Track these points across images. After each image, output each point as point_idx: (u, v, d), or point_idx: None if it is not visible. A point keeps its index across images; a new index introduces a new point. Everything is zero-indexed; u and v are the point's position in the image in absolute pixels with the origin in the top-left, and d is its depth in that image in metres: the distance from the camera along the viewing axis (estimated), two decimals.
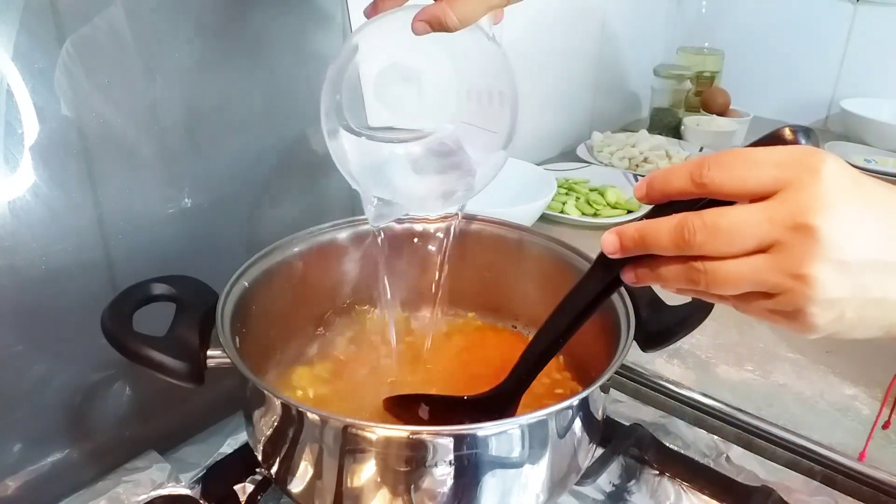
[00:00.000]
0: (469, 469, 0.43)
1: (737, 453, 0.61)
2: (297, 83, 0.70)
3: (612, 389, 0.68)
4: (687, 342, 0.72)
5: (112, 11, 0.55)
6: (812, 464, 0.61)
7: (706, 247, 0.36)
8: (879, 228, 0.35)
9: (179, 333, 0.47)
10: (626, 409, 0.67)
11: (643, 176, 1.11)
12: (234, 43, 0.63)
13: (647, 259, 0.39)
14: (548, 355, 0.47)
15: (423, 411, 0.52)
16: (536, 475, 0.46)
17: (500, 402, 0.49)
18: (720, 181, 0.36)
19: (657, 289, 0.54)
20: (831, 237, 0.33)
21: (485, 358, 0.61)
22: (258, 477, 0.56)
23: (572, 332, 0.45)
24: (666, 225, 0.37)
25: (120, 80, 0.56)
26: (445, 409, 0.52)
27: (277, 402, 0.44)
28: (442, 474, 0.42)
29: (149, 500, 0.54)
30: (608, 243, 0.39)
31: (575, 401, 0.44)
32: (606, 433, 0.59)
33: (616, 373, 0.46)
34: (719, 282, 0.36)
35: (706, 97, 1.37)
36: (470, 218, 0.64)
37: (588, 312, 0.44)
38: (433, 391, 0.57)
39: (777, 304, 0.36)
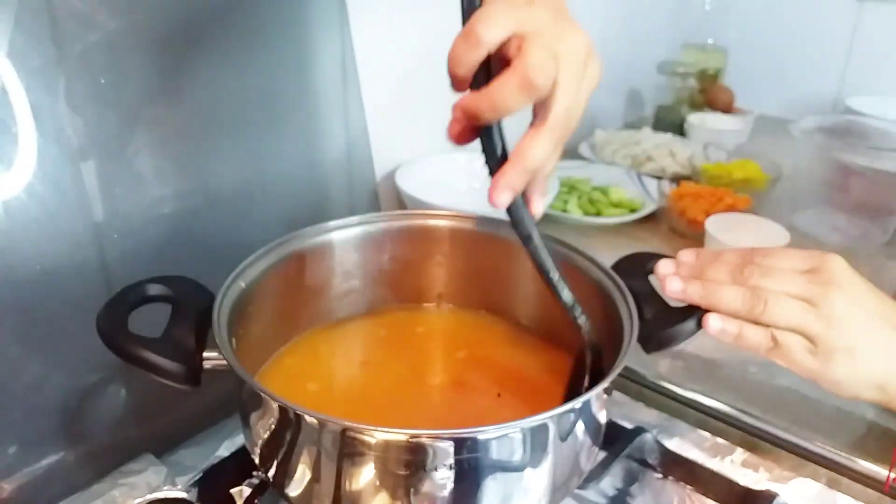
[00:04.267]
0: (469, 473, 0.42)
1: (741, 456, 0.61)
2: (295, 82, 0.69)
3: (614, 392, 0.68)
4: (690, 344, 0.71)
5: (109, 10, 0.54)
6: (817, 466, 0.60)
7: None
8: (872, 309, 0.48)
9: (175, 335, 0.47)
10: (629, 411, 0.66)
11: (647, 174, 1.12)
12: (231, 42, 0.63)
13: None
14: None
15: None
16: (538, 479, 0.45)
17: None
18: (769, 319, 0.48)
19: (660, 289, 0.54)
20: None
21: (484, 357, 0.61)
22: (255, 480, 0.56)
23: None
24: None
25: (116, 79, 0.56)
26: None
27: (275, 405, 0.43)
28: (442, 478, 0.42)
29: (145, 503, 0.54)
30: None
31: (577, 403, 0.44)
32: (609, 436, 0.58)
33: (619, 375, 0.45)
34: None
35: (710, 95, 1.37)
36: (470, 218, 0.63)
37: None
38: (432, 389, 0.56)
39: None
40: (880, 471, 0.58)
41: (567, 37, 0.41)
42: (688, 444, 0.62)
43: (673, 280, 0.51)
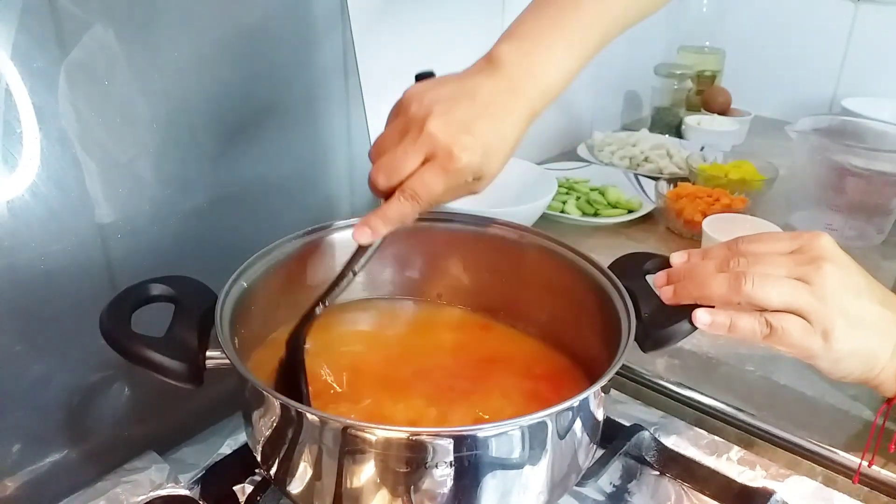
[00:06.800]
0: (469, 470, 0.43)
1: (738, 454, 0.61)
2: (297, 85, 0.70)
3: (612, 390, 0.68)
4: (688, 342, 0.71)
5: (111, 11, 0.55)
6: (813, 464, 0.61)
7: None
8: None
9: (178, 334, 0.47)
10: (626, 409, 0.67)
11: (644, 175, 1.12)
12: (235, 44, 0.63)
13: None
14: None
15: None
16: (537, 476, 0.46)
17: None
18: (760, 297, 0.47)
19: (656, 289, 0.54)
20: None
21: (483, 356, 0.61)
22: (257, 478, 0.56)
23: None
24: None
25: (120, 80, 0.56)
26: None
27: (276, 403, 0.44)
28: (442, 475, 0.42)
29: (148, 500, 0.54)
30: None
31: (575, 401, 0.44)
32: (607, 433, 0.58)
33: (617, 373, 0.46)
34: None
35: (707, 96, 1.37)
36: (470, 218, 0.63)
37: None
38: (433, 388, 0.57)
39: None
40: (876, 468, 0.59)
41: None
42: (685, 442, 0.63)
43: (665, 288, 0.51)
